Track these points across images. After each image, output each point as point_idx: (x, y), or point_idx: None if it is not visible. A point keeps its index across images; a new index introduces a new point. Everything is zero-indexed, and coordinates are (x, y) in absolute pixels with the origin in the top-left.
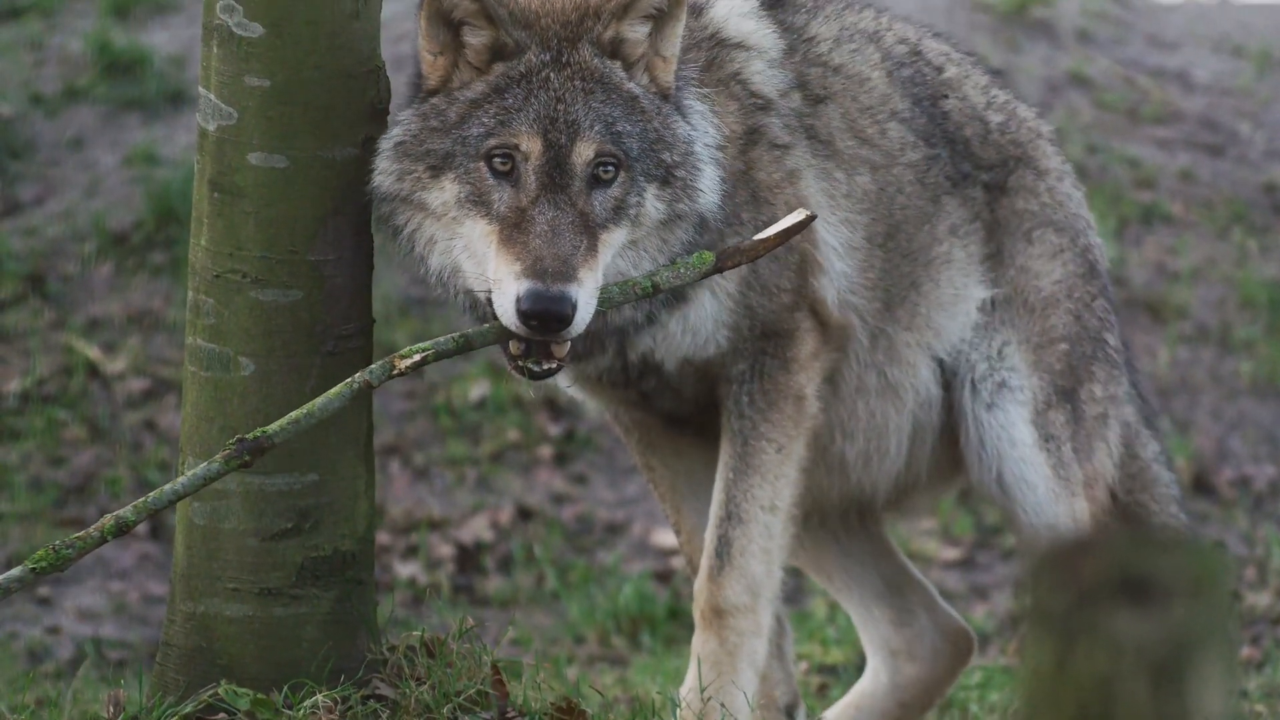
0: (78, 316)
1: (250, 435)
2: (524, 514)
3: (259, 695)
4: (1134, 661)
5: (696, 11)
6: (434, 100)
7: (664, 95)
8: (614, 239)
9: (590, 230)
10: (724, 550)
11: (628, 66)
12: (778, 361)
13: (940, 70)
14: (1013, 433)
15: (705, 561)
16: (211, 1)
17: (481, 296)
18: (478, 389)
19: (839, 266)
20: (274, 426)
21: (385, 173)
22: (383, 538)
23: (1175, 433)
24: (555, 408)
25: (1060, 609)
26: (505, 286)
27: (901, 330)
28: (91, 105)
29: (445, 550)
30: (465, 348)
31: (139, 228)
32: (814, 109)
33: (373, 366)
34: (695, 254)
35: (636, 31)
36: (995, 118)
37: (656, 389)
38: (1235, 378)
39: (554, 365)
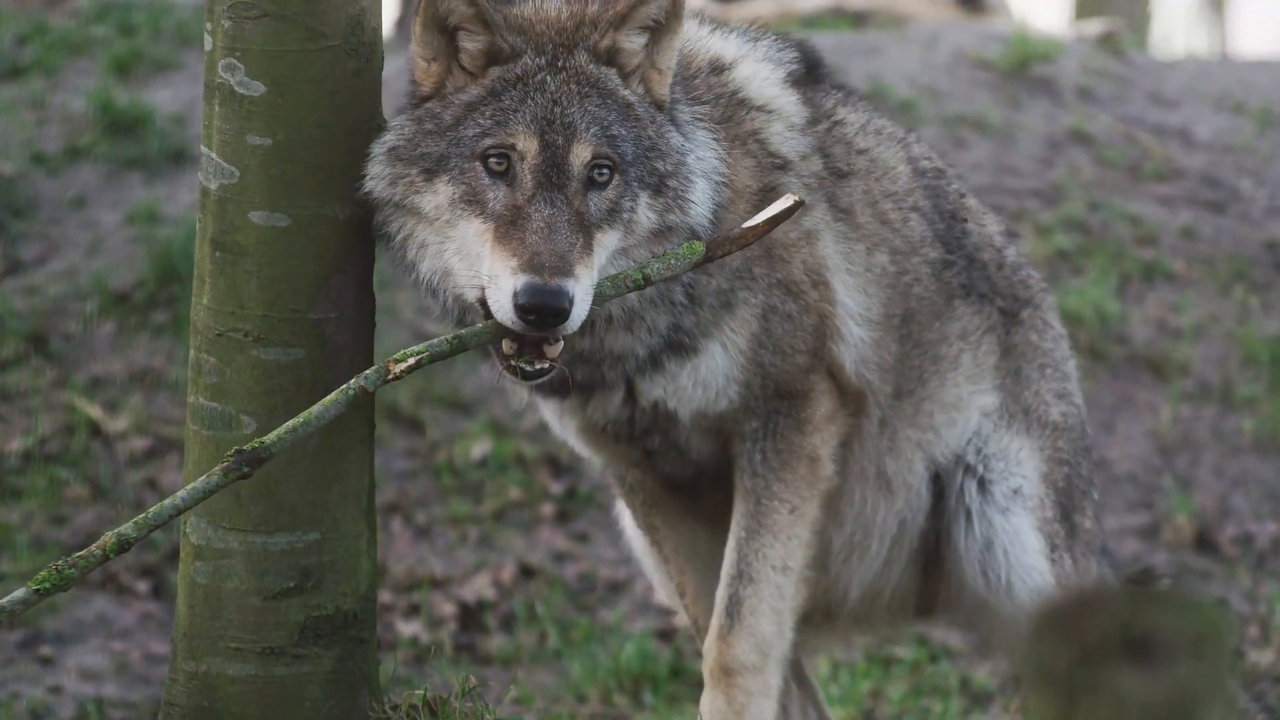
0: (80, 375)
1: (248, 446)
2: (526, 572)
3: None
4: None
5: (718, 69)
6: (428, 105)
7: (659, 106)
8: (608, 240)
9: (586, 229)
10: (734, 609)
11: (623, 76)
12: (791, 421)
13: (962, 196)
14: (1025, 539)
15: (715, 620)
16: (213, 60)
17: (472, 297)
18: (480, 447)
19: (856, 333)
20: (271, 436)
21: (377, 178)
22: (385, 596)
23: (1177, 490)
24: (557, 465)
25: (1063, 667)
26: (502, 282)
27: (905, 424)
28: (93, 164)
29: (447, 609)
30: (459, 348)
31: (141, 286)
32: (835, 180)
33: (367, 371)
34: (685, 244)
35: (633, 42)
36: (1010, 256)
37: (661, 448)
38: (1238, 435)
39: (546, 365)
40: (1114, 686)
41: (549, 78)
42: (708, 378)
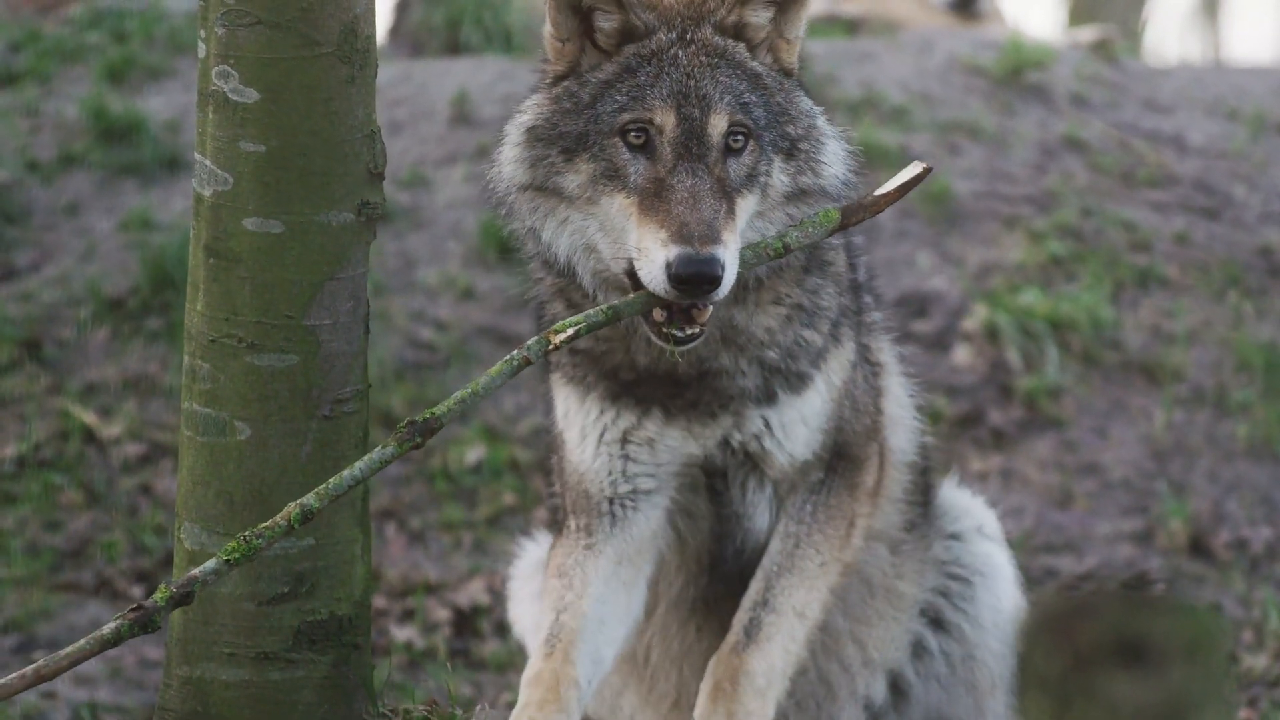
0: (74, 382)
1: (420, 417)
2: None
3: None
4: None
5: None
6: (565, 84)
7: (786, 73)
8: (748, 205)
9: (728, 195)
10: (753, 630)
11: (751, 48)
12: (844, 484)
13: None
14: None
15: (731, 639)
16: (207, 67)
17: (619, 269)
18: (474, 453)
19: (903, 416)
20: (441, 407)
21: (517, 161)
22: (379, 602)
23: (1172, 495)
24: (550, 470)
25: (1056, 672)
26: (653, 254)
27: (910, 554)
28: (87, 171)
29: (442, 614)
30: (615, 318)
31: (135, 293)
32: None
33: (529, 342)
34: (821, 212)
35: (759, 16)
36: None
37: (736, 516)
38: (1231, 440)
39: (697, 330)
40: (1108, 691)
41: (680, 52)
42: (809, 415)
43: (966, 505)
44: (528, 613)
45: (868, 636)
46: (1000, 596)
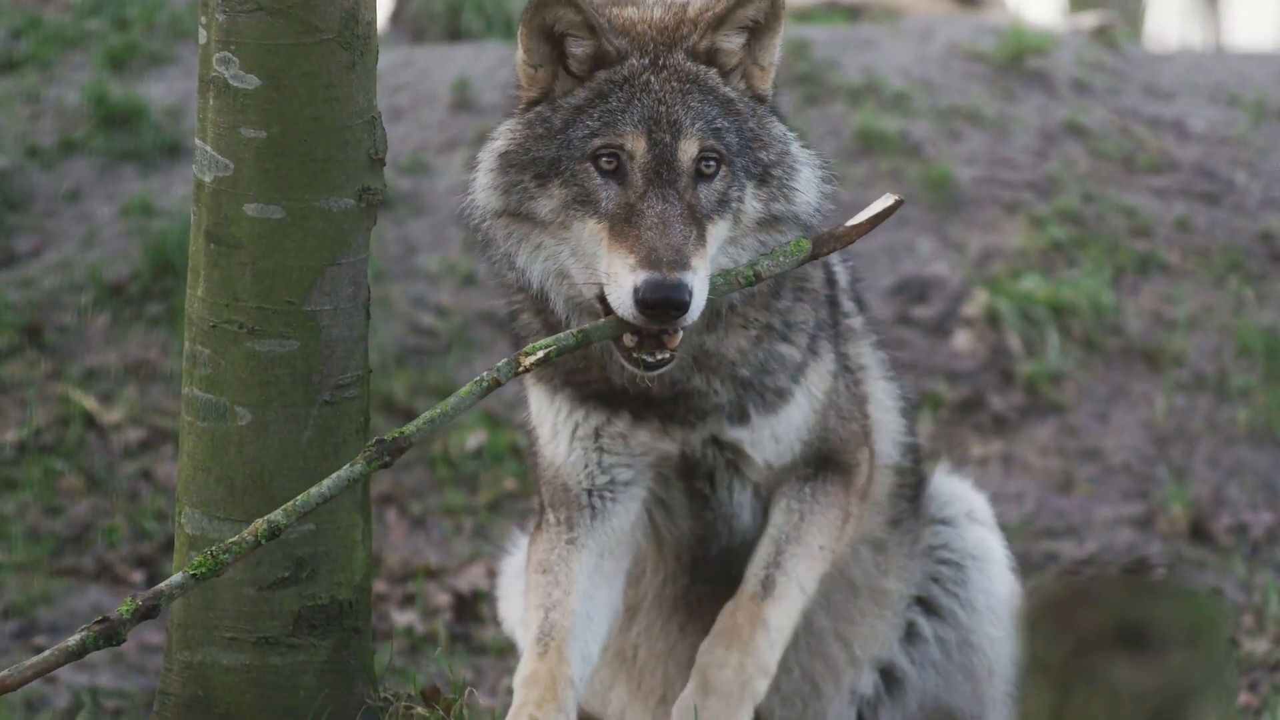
0: (74, 367)
1: (389, 436)
2: None
3: None
4: (1132, 710)
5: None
6: (538, 109)
7: (760, 99)
8: (719, 231)
9: (698, 220)
10: (770, 586)
11: (724, 74)
12: (838, 478)
13: None
14: None
15: (748, 589)
16: (208, 54)
17: (590, 294)
18: (474, 438)
19: (885, 420)
20: (411, 427)
21: (491, 188)
22: (380, 586)
23: (1172, 480)
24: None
25: (1057, 658)
26: (621, 279)
27: (896, 548)
28: (88, 157)
29: (442, 599)
30: (585, 342)
31: (136, 279)
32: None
33: (499, 364)
34: (792, 241)
35: (731, 42)
36: None
37: (722, 516)
38: (1232, 425)
39: (667, 355)
40: (1108, 676)
41: (652, 78)
42: (788, 427)
43: (955, 490)
44: (518, 609)
45: (853, 634)
46: (993, 580)
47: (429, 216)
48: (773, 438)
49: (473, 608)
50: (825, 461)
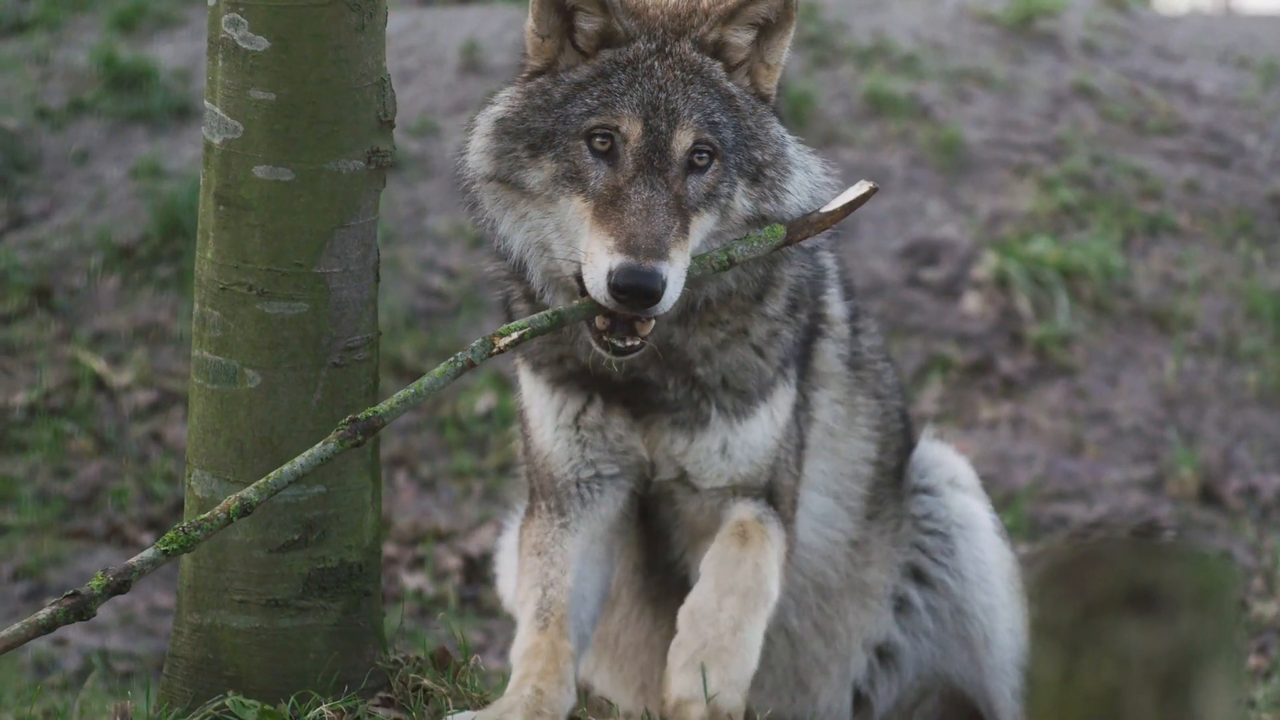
0: (84, 329)
1: (362, 415)
2: None
3: (266, 707)
4: (1141, 673)
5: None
6: (539, 80)
7: (762, 98)
8: (704, 224)
9: (683, 212)
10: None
11: (729, 69)
12: (777, 516)
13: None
14: None
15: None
16: (217, 15)
17: (569, 271)
18: (484, 401)
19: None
20: (384, 406)
21: (484, 152)
22: (389, 549)
23: (1182, 443)
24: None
25: (1066, 621)
26: (598, 261)
27: (878, 539)
28: (97, 119)
29: (452, 562)
30: (558, 324)
31: (145, 241)
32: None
33: (473, 345)
34: (767, 227)
35: (739, 37)
36: None
37: (669, 521)
38: (1242, 388)
39: (638, 342)
40: (1118, 640)
41: (656, 63)
42: (746, 441)
43: (937, 457)
44: (514, 586)
45: (837, 629)
46: (982, 548)
47: (438, 179)
48: (723, 453)
49: (482, 571)
50: (768, 493)
